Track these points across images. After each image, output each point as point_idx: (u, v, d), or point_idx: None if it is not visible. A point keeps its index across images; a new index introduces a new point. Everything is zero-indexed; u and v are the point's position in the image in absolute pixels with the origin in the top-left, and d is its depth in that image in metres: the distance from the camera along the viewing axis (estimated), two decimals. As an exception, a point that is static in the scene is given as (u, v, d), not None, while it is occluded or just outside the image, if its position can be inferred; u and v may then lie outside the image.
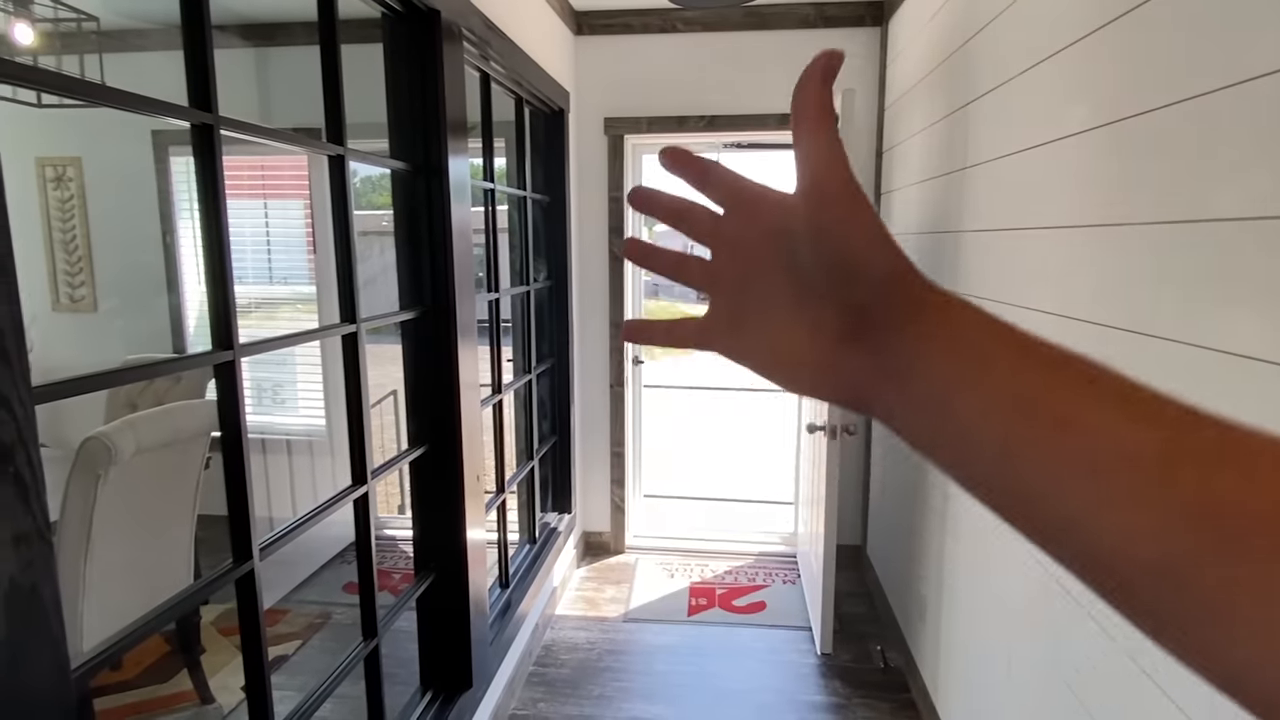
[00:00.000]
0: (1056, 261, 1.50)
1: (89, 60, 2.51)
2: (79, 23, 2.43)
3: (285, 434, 3.64)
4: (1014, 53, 1.74)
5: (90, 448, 1.93)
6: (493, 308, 2.44)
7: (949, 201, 2.23)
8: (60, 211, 3.69)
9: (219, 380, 1.16)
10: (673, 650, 2.83)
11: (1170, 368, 1.11)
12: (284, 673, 2.69)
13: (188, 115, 1.09)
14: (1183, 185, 1.10)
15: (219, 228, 1.12)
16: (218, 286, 1.14)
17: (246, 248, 3.92)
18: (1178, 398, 0.24)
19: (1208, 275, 1.04)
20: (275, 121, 3.37)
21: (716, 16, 3.24)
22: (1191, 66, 1.08)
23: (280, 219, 4.02)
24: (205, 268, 1.13)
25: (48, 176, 3.66)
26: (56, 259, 3.71)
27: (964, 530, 2.06)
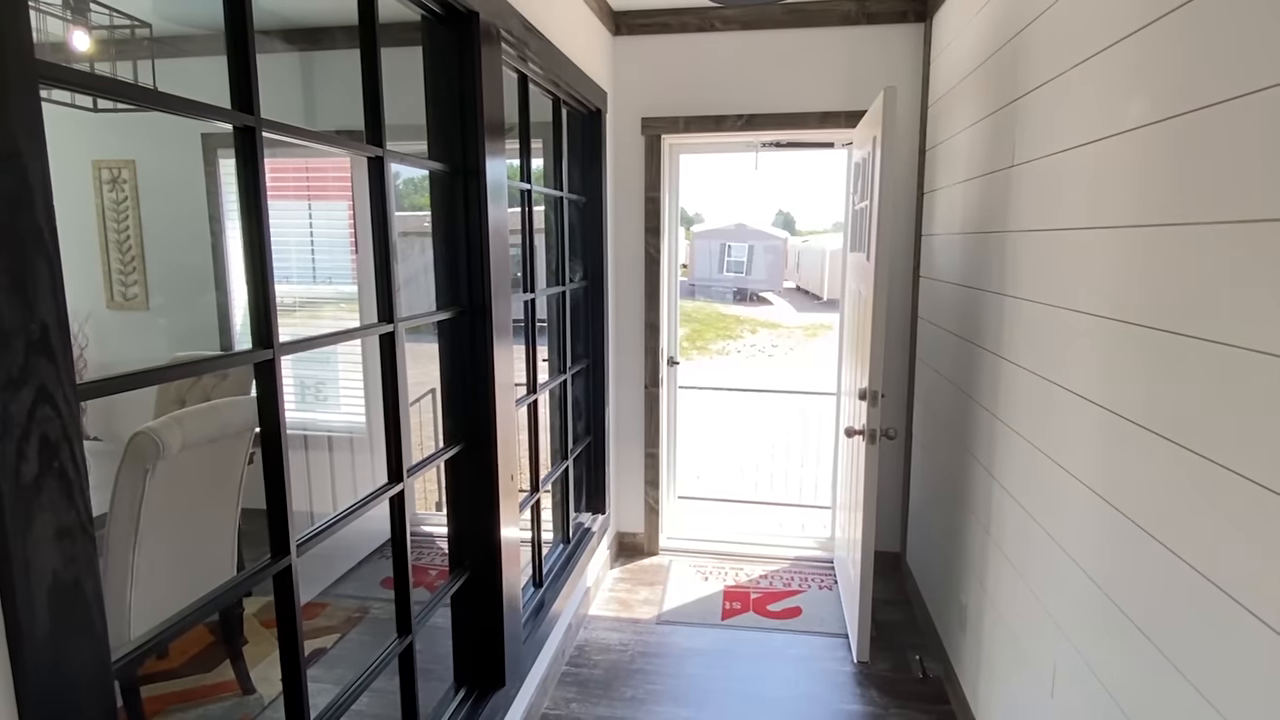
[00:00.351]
0: (1110, 263, 1.44)
1: (142, 65, 2.58)
2: (133, 29, 2.50)
3: (327, 430, 3.71)
4: (1066, 46, 1.68)
5: (138, 442, 1.98)
6: (528, 308, 2.45)
7: (995, 201, 2.16)
8: (115, 212, 3.81)
9: (259, 378, 1.18)
10: (705, 654, 2.81)
11: (1232, 375, 1.06)
12: (322, 665, 2.74)
13: (231, 118, 1.10)
14: (1254, 182, 1.04)
15: (260, 228, 1.14)
16: (258, 286, 1.15)
17: (291, 248, 4.00)
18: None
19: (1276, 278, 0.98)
20: (320, 124, 3.44)
21: (756, 14, 3.21)
22: (1261, 57, 1.02)
23: (324, 220, 4.10)
24: (247, 267, 1.15)
25: (103, 179, 3.79)
26: (111, 258, 3.84)
27: (1008, 539, 2.00)
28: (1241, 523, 1.04)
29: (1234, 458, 1.06)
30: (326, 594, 3.23)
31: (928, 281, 3.06)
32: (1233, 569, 1.06)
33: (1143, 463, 1.31)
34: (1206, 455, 1.12)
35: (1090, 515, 1.51)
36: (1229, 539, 1.07)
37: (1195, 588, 1.14)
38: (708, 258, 26.48)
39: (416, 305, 1.89)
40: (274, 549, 1.24)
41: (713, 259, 26.28)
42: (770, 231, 27.74)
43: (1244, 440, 1.04)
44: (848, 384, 3.22)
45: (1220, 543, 1.09)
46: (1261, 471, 1.00)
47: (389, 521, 1.69)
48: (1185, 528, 1.18)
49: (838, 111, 3.20)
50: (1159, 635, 1.24)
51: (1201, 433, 1.14)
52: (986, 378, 2.21)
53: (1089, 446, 1.52)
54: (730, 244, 26.37)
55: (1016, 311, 1.97)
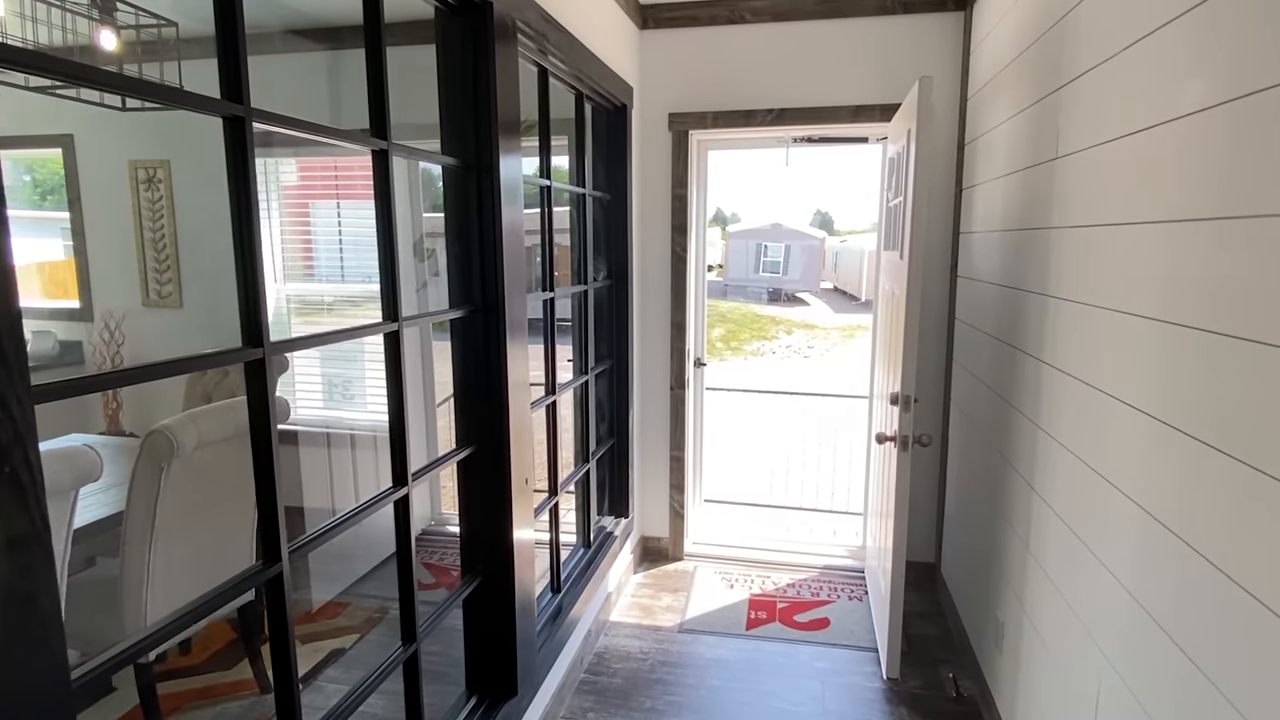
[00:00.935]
0: (1164, 261, 1.32)
1: (169, 66, 2.59)
2: (159, 29, 2.51)
3: (352, 428, 3.71)
4: (1116, 27, 1.56)
5: (154, 440, 1.98)
6: (547, 307, 2.39)
7: (1037, 196, 2.04)
8: (150, 211, 3.87)
9: (249, 379, 1.14)
10: (728, 665, 2.72)
11: None
12: (340, 666, 2.72)
13: (219, 108, 1.06)
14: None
15: (250, 223, 1.10)
16: (248, 282, 1.11)
17: (320, 247, 4.02)
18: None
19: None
20: (347, 123, 3.44)
21: (788, 5, 3.11)
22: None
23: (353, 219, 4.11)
24: (237, 263, 1.10)
25: (139, 179, 3.85)
26: (146, 257, 3.90)
27: (1049, 556, 1.88)
28: None
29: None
30: (348, 593, 3.22)
31: (965, 281, 2.93)
32: None
33: (1198, 479, 1.19)
34: (1269, 472, 1.00)
35: (1138, 534, 1.39)
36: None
37: (1254, 615, 1.02)
38: (744, 257, 26.27)
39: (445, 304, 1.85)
40: (265, 556, 1.19)
41: (749, 259, 26.06)
42: (807, 231, 27.38)
43: None
44: (880, 387, 3.10)
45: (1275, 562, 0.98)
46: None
47: (418, 519, 1.64)
48: (1243, 551, 1.06)
49: (872, 105, 3.09)
50: (1210, 666, 1.13)
51: (1264, 448, 1.02)
52: (1028, 383, 2.09)
53: (1139, 460, 1.41)
54: (766, 244, 26.10)
55: (1059, 313, 1.84)
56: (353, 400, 3.99)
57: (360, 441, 3.60)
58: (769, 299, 24.66)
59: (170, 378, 1.25)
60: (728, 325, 19.49)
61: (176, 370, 0.99)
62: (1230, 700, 1.08)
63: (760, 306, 23.30)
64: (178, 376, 3.12)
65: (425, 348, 3.87)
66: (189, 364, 1.03)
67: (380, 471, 3.67)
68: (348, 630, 2.96)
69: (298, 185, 3.95)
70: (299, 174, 3.90)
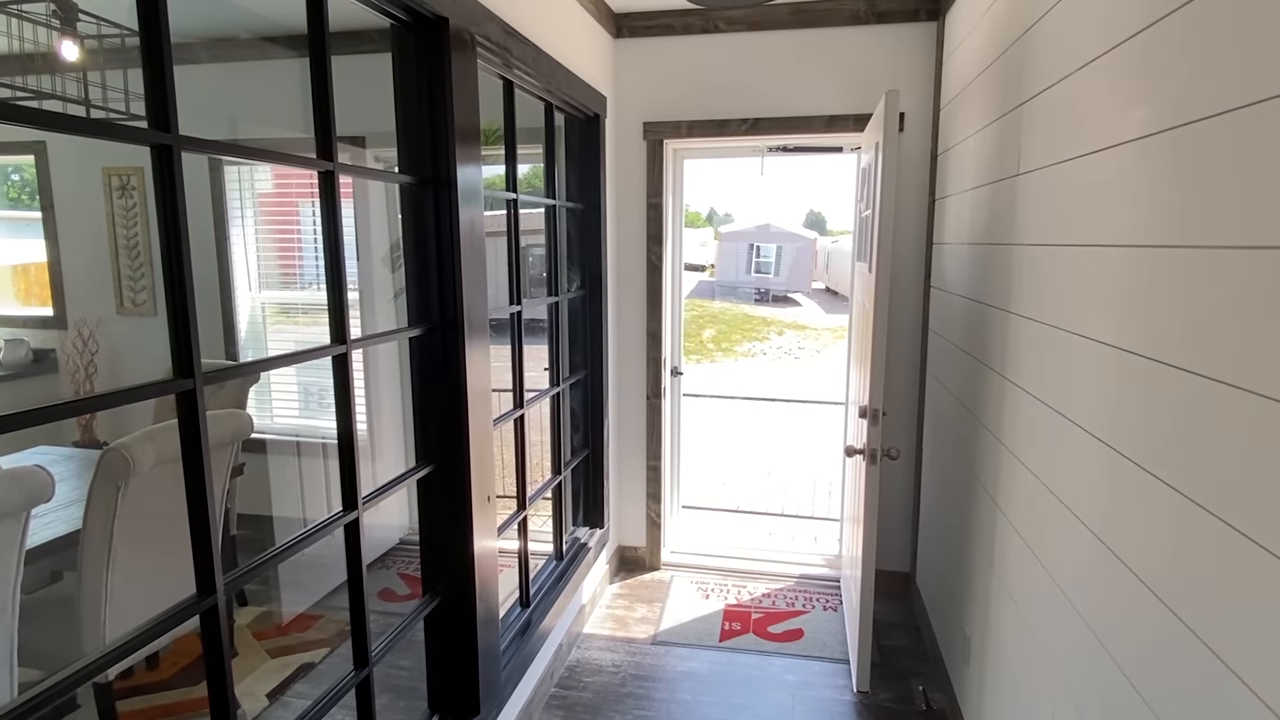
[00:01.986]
0: (1113, 286, 1.32)
1: (133, 75, 2.56)
2: (122, 38, 2.49)
3: (324, 437, 3.69)
4: (1071, 48, 1.55)
5: (109, 459, 1.95)
6: (514, 320, 2.38)
7: (1001, 211, 2.03)
8: (125, 218, 3.84)
9: (180, 410, 1.12)
10: (700, 678, 2.71)
11: (1238, 421, 0.94)
12: (309, 681, 2.70)
13: (146, 137, 1.04)
14: (1261, 202, 0.92)
15: (180, 252, 1.08)
16: (179, 310, 1.09)
17: (295, 253, 4.00)
18: None
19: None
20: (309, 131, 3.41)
21: (762, 15, 3.10)
22: (1268, 63, 0.90)
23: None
24: (166, 292, 1.09)
25: (114, 185, 3.82)
26: (121, 264, 3.87)
27: (1011, 575, 1.87)
28: (1249, 592, 0.92)
29: (1239, 517, 0.94)
30: (321, 604, 3.19)
31: (938, 292, 2.93)
32: (1233, 638, 0.94)
33: (1145, 509, 1.19)
34: (1211, 510, 1.00)
35: (1090, 561, 1.39)
36: (1232, 605, 0.95)
37: (1194, 654, 1.02)
38: (735, 259, 26.28)
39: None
40: (199, 586, 1.18)
41: (740, 260, 26.07)
42: (798, 232, 27.40)
43: (1251, 498, 0.92)
44: (854, 395, 3.09)
45: (1223, 609, 0.97)
46: (1269, 536, 0.88)
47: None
48: (1187, 588, 1.05)
49: (846, 115, 3.08)
50: (1153, 695, 1.12)
51: (1207, 484, 1.01)
52: (992, 399, 2.08)
53: (1091, 485, 1.40)
54: (758, 245, 26.11)
55: (1020, 330, 1.84)
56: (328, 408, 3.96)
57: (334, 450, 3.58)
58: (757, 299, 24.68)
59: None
60: (719, 326, 19.49)
61: (110, 404, 0.97)
62: None
63: (751, 307, 23.31)
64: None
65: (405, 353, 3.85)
66: (115, 398, 1.02)
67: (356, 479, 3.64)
68: (319, 644, 2.94)
69: (274, 191, 3.92)
70: (274, 179, 3.88)
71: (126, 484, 1.99)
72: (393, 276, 3.69)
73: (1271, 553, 0.86)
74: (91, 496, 1.98)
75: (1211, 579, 0.99)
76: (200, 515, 1.14)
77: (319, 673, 2.76)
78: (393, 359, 3.86)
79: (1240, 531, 0.93)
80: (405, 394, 3.91)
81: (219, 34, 3.09)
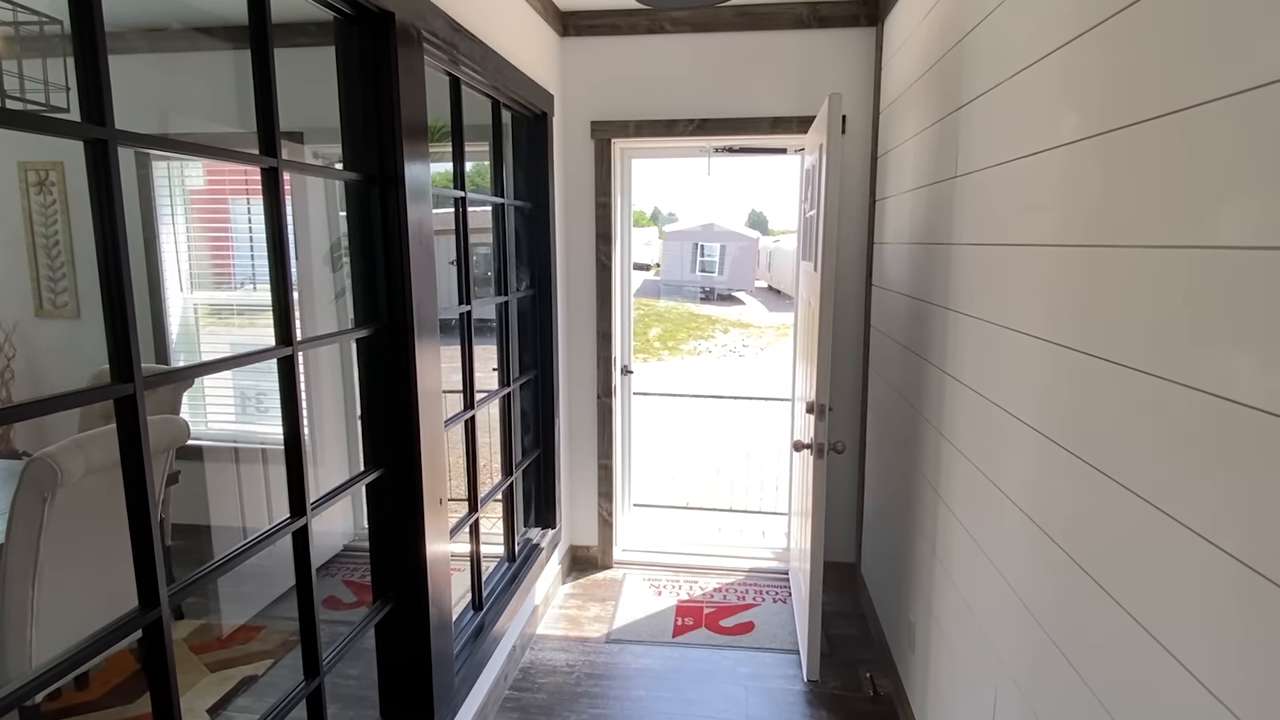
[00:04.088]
0: (1044, 282, 1.38)
1: (53, 64, 2.43)
2: (41, 25, 2.36)
3: (263, 443, 3.57)
4: (1005, 55, 1.62)
5: (35, 469, 1.85)
6: (463, 321, 2.35)
7: (939, 212, 2.11)
8: (43, 216, 3.64)
9: (119, 417, 1.07)
10: (654, 675, 2.73)
11: (1154, 405, 1.00)
12: (252, 694, 2.61)
13: (81, 131, 1.00)
14: (1173, 207, 0.98)
15: (116, 250, 1.03)
16: (116, 314, 1.05)
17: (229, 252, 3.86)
18: None
19: (1198, 308, 0.93)
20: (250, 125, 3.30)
21: (708, 16, 3.14)
22: (1183, 74, 0.97)
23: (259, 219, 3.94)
24: (103, 292, 1.04)
25: (30, 181, 3.61)
26: (39, 264, 3.66)
27: (954, 561, 1.95)
28: (1165, 562, 0.98)
29: (1155, 491, 1.00)
30: (263, 615, 3.09)
31: (880, 291, 3.01)
32: (1156, 608, 1.00)
33: (1072, 491, 1.25)
34: (1130, 487, 1.06)
35: (1025, 542, 1.45)
36: (1153, 577, 1.01)
37: (1119, 623, 1.08)
38: (680, 258, 26.47)
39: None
40: (142, 600, 1.13)
41: (684, 259, 26.27)
42: (742, 231, 27.78)
43: (1165, 475, 0.98)
44: (800, 391, 3.16)
45: (1144, 580, 1.03)
46: (1181, 509, 0.94)
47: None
48: (1112, 561, 1.12)
49: (789, 117, 3.14)
50: (1087, 669, 1.19)
51: (1126, 464, 1.08)
52: (933, 393, 2.16)
53: (1024, 471, 1.47)
54: (702, 244, 26.38)
55: (959, 327, 1.91)
56: (266, 413, 3.84)
57: (273, 456, 3.47)
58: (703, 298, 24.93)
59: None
60: (665, 325, 19.59)
61: (52, 409, 0.93)
62: (1105, 706, 1.14)
63: (696, 306, 23.51)
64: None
65: (346, 355, 3.76)
66: (50, 405, 0.97)
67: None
68: (262, 655, 2.84)
69: (205, 188, 3.78)
70: (206, 175, 3.73)
71: (54, 495, 1.89)
72: (334, 276, 3.60)
73: (1185, 525, 0.92)
74: (15, 509, 1.87)
75: (1130, 548, 1.05)
76: (142, 525, 1.10)
77: (263, 685, 2.67)
78: (334, 361, 3.76)
79: (1149, 502, 0.99)
80: (346, 397, 3.82)
81: (151, 23, 2.96)
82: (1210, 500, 0.90)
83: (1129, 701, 1.07)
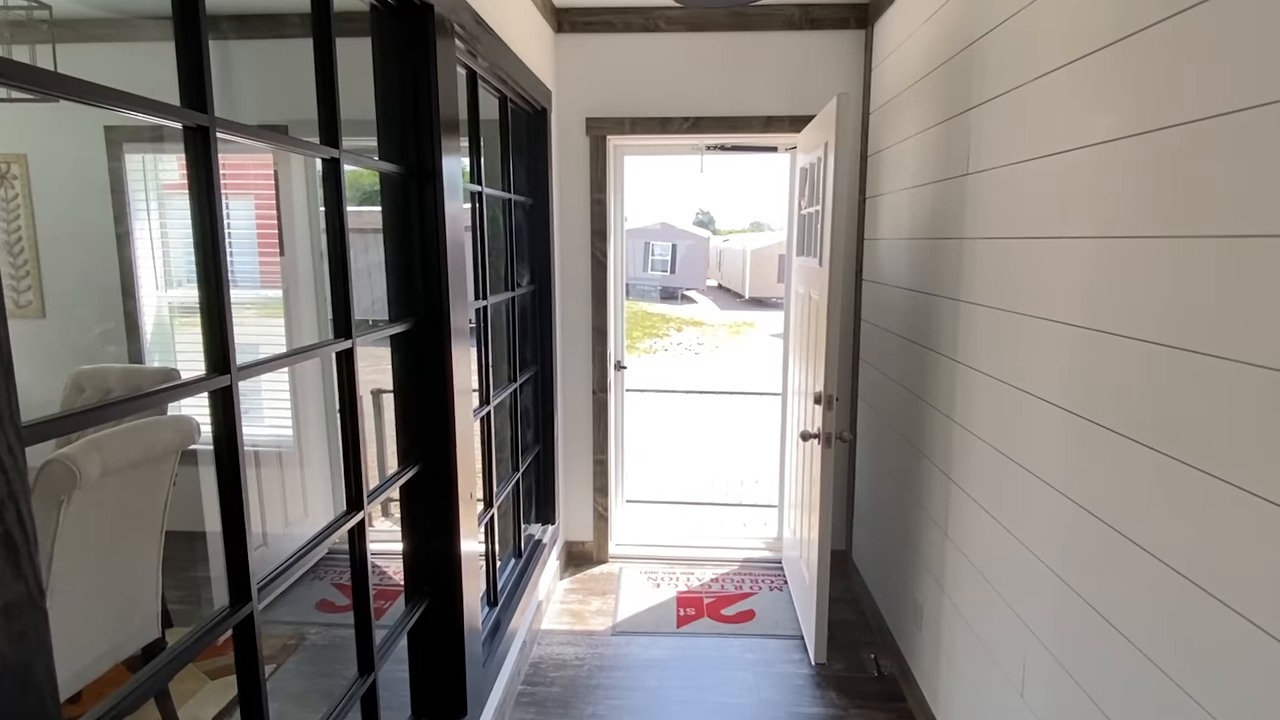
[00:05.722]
0: (1086, 273, 1.47)
1: (41, 50, 2.33)
2: (29, 10, 2.26)
3: (251, 445, 3.48)
4: (1026, 58, 1.71)
5: (52, 471, 1.78)
6: (480, 315, 2.34)
7: (949, 208, 2.21)
8: (4, 211, 3.46)
9: (214, 408, 1.06)
10: (664, 664, 2.77)
11: (1214, 385, 1.09)
12: (258, 700, 2.54)
13: (181, 116, 0.98)
14: (1225, 199, 1.07)
15: (216, 242, 1.02)
16: (214, 307, 1.03)
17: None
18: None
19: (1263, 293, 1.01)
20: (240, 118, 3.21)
21: (701, 16, 3.19)
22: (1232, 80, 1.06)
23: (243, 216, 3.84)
24: (201, 287, 1.02)
25: (-11, 174, 3.43)
26: (1, 262, 3.48)
27: (970, 541, 2.04)
28: (1219, 523, 1.07)
29: (1213, 461, 1.09)
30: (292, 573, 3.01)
31: (871, 285, 3.12)
32: (1211, 566, 1.09)
33: (1116, 467, 1.34)
34: (1184, 459, 1.15)
35: (1060, 517, 1.55)
36: (1222, 543, 1.10)
37: (1179, 589, 1.17)
38: (632, 257, 26.56)
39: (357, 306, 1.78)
40: (233, 598, 1.11)
41: (637, 258, 26.38)
42: (693, 230, 28.05)
43: (1226, 444, 1.07)
44: (796, 384, 3.24)
45: (1199, 540, 1.12)
46: (1247, 478, 1.03)
47: (365, 547, 1.56)
48: (1162, 529, 1.21)
49: (782, 116, 3.22)
50: (1133, 631, 1.28)
51: (1181, 438, 1.17)
52: (941, 382, 2.25)
53: (1060, 452, 1.56)
54: (654, 243, 26.54)
55: (975, 317, 2.01)
56: (249, 414, 3.74)
57: (265, 459, 3.38)
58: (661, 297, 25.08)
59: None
60: (620, 324, 19.61)
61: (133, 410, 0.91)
62: (1155, 661, 1.23)
63: (650, 304, 23.63)
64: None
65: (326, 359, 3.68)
66: (151, 399, 0.95)
67: (287, 489, 3.46)
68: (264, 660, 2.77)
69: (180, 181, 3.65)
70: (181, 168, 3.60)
71: (69, 498, 1.82)
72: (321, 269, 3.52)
73: (1245, 489, 1.01)
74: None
75: (1181, 515, 1.14)
76: (235, 521, 1.09)
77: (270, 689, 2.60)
78: (314, 364, 3.68)
79: (1206, 471, 1.08)
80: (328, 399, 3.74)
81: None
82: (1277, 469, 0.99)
83: (1177, 653, 1.16)
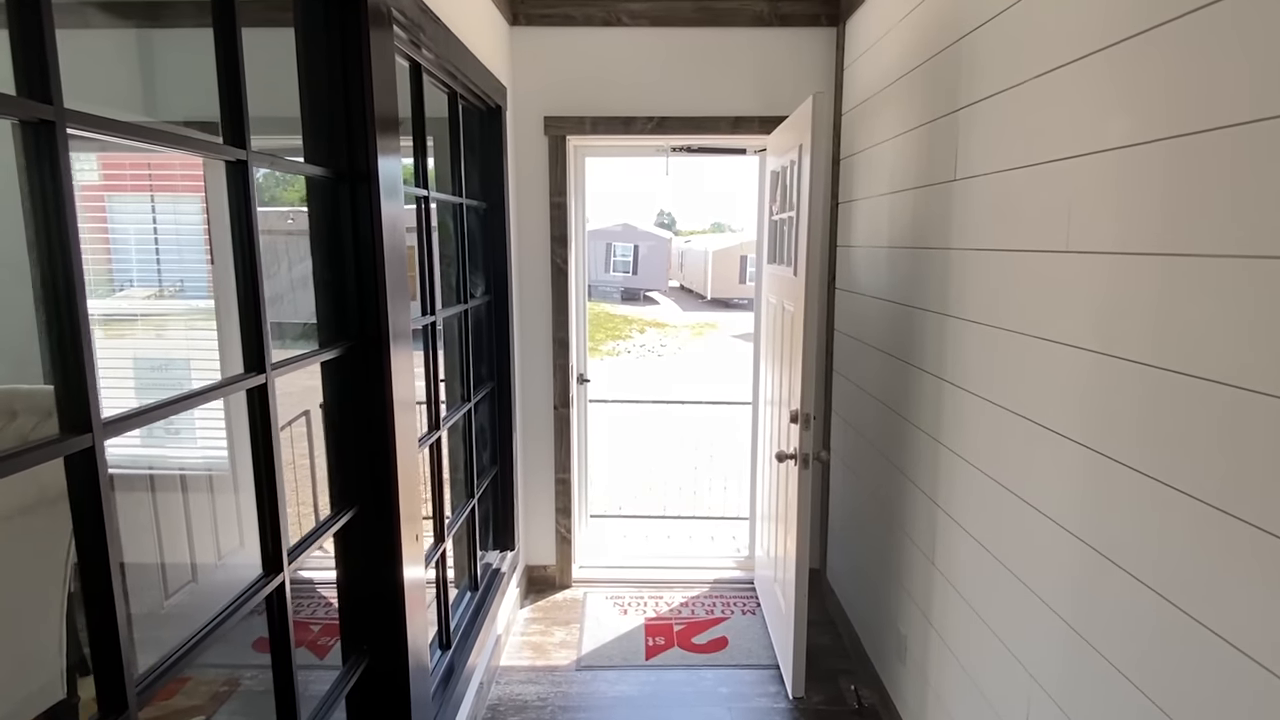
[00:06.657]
0: (1098, 293, 1.33)
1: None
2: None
3: (180, 469, 3.20)
4: (1028, 51, 1.57)
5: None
6: (428, 332, 2.13)
7: (933, 216, 2.06)
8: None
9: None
10: (632, 702, 2.59)
11: (1235, 416, 0.95)
12: (185, 761, 2.30)
13: (20, 109, 0.77)
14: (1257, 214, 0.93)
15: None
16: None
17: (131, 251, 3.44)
18: None
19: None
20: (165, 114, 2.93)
21: (665, 11, 3.01)
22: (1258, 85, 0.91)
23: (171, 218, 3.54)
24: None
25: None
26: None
27: (961, 574, 1.90)
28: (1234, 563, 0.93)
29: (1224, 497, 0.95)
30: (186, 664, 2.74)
31: (845, 294, 2.98)
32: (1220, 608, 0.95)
33: (1138, 508, 1.20)
34: (1200, 497, 1.01)
35: (1065, 555, 1.40)
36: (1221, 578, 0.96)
37: (1177, 624, 1.03)
38: (594, 258, 26.36)
39: (280, 319, 1.57)
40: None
41: (598, 259, 26.19)
42: (655, 231, 27.96)
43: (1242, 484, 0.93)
44: (769, 394, 3.09)
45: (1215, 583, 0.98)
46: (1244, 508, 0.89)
47: (258, 569, 1.32)
48: (1192, 581, 1.07)
49: (751, 117, 3.06)
50: (1140, 677, 1.14)
51: (1198, 476, 1.03)
52: (926, 400, 2.11)
53: (1070, 487, 1.42)
54: (616, 244, 26.37)
55: (963, 334, 1.86)
56: (178, 435, 3.45)
57: (193, 483, 3.11)
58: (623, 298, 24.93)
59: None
60: (582, 326, 19.38)
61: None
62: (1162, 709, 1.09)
63: (613, 306, 23.45)
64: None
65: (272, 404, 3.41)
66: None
67: (219, 515, 3.18)
68: (192, 711, 2.51)
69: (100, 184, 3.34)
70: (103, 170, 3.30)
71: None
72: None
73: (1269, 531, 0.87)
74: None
75: (1198, 557, 1.00)
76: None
77: (194, 750, 2.35)
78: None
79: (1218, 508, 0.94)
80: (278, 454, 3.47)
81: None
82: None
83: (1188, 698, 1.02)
